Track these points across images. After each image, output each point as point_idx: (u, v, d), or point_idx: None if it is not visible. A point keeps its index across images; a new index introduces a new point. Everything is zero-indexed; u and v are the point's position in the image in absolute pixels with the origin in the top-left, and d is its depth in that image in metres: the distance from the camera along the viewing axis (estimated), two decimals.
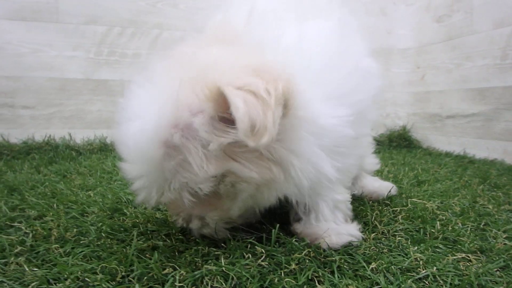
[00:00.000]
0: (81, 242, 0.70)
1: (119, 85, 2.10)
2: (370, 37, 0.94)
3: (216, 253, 0.63)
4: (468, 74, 2.03)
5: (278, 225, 0.68)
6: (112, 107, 2.10)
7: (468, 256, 0.66)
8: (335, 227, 0.74)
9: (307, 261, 0.61)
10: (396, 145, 2.41)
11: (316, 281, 0.57)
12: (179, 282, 0.53)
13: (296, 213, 0.77)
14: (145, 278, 0.55)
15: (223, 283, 0.54)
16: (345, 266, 0.61)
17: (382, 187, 1.10)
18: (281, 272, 0.57)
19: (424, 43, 2.36)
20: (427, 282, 0.57)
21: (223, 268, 0.56)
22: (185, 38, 0.74)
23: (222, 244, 0.68)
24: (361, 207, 0.95)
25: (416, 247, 0.70)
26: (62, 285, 0.53)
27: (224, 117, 0.55)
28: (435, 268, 0.61)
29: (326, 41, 0.69)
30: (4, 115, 1.94)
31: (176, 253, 0.65)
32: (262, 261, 0.61)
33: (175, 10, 2.14)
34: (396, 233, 0.79)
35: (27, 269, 0.57)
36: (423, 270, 0.60)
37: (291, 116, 0.57)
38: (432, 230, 0.79)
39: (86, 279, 0.53)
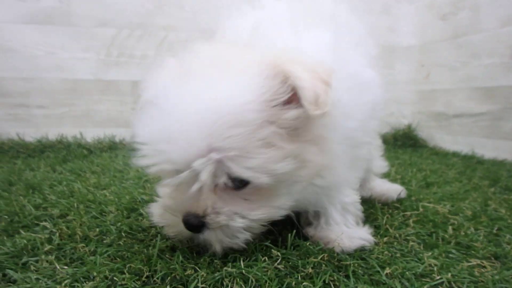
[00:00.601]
0: (104, 241, 0.73)
1: (127, 86, 2.15)
2: (375, 42, 0.96)
3: (233, 255, 0.66)
4: (475, 73, 2.03)
5: (294, 230, 0.70)
6: (120, 107, 2.16)
7: (483, 262, 0.68)
8: (346, 230, 0.76)
9: (323, 265, 0.63)
10: (401, 144, 2.40)
11: (332, 285, 0.59)
12: (201, 283, 0.56)
13: (306, 217, 0.80)
14: (169, 278, 0.58)
15: (243, 285, 0.56)
16: (359, 271, 0.63)
17: (391, 189, 1.12)
18: (298, 276, 0.59)
19: (428, 41, 2.35)
20: None
21: (243, 271, 0.58)
22: (191, 39, 0.75)
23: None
24: (371, 210, 0.96)
25: (430, 253, 0.71)
26: (92, 283, 0.56)
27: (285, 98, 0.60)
28: (450, 274, 0.62)
29: (319, 55, 0.70)
30: (19, 115, 1.99)
31: (194, 254, 0.68)
32: (278, 264, 0.63)
33: (181, 12, 2.17)
34: (408, 238, 0.81)
35: (58, 267, 0.60)
36: (438, 276, 0.62)
37: None
38: (445, 235, 0.81)
39: (114, 278, 0.56)
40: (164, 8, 2.15)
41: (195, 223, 0.63)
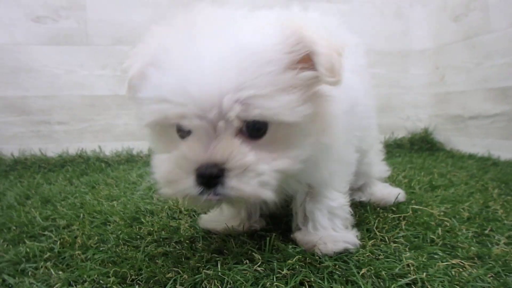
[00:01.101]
0: (101, 249, 0.78)
1: None
2: (367, 50, 0.99)
3: (217, 259, 0.69)
4: (488, 74, 1.99)
5: (274, 234, 0.73)
6: (138, 120, 2.24)
7: (463, 262, 0.68)
8: (333, 234, 0.78)
9: (300, 267, 0.65)
10: (417, 148, 2.37)
11: (307, 286, 0.61)
12: (180, 285, 0.60)
13: (297, 223, 0.82)
14: (151, 281, 0.62)
15: (220, 286, 0.60)
16: (337, 272, 0.65)
17: (391, 194, 1.12)
18: (273, 277, 0.62)
19: (442, 43, 2.33)
20: None
21: (219, 273, 0.62)
22: None
23: (225, 251, 0.73)
24: (366, 213, 0.98)
25: (410, 253, 0.72)
26: (80, 286, 0.60)
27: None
28: (425, 274, 0.63)
29: None
30: (42, 132, 2.11)
31: (183, 259, 0.72)
32: (258, 266, 0.66)
33: None
34: (396, 240, 0.81)
35: (53, 273, 0.66)
36: (414, 275, 0.63)
37: None
38: (433, 237, 0.81)
39: (101, 281, 0.61)
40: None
41: (215, 172, 0.57)
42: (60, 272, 0.66)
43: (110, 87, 2.19)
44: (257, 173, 0.59)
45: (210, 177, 0.58)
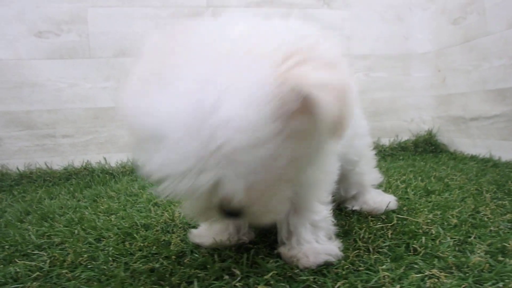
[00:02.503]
0: (89, 266, 0.80)
1: None
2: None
3: (199, 275, 0.71)
4: (487, 75, 1.98)
5: (254, 249, 0.74)
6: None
7: (439, 273, 0.69)
8: (315, 247, 0.79)
9: (277, 281, 0.67)
10: (422, 150, 2.36)
11: None
12: None
13: (281, 238, 0.83)
14: None
15: None
16: (314, 286, 0.66)
17: (383, 202, 1.12)
18: None
19: (442, 46, 2.32)
20: None
21: None
22: None
23: (208, 266, 0.75)
24: (355, 223, 0.98)
25: (389, 264, 0.73)
26: None
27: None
28: (399, 286, 0.64)
29: None
30: (47, 145, 2.15)
31: (167, 275, 0.73)
32: (238, 282, 0.67)
33: None
34: (380, 250, 0.82)
35: None
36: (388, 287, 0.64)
37: None
38: (416, 246, 0.82)
39: None
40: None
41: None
42: None
43: (114, 99, 2.22)
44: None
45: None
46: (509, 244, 0.80)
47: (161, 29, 0.64)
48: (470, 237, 0.86)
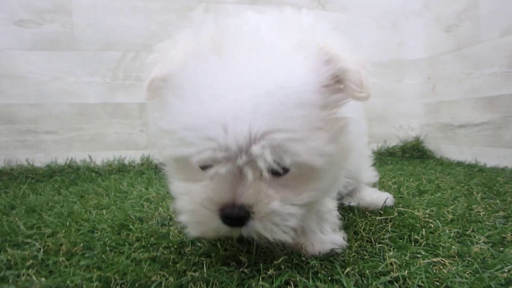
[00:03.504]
0: (86, 255, 0.77)
1: (135, 108, 2.21)
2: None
3: (204, 262, 0.69)
4: (477, 83, 2.04)
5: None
6: (129, 129, 2.21)
7: (444, 260, 0.69)
8: (320, 236, 0.78)
9: (286, 267, 0.66)
10: (409, 156, 2.41)
11: (293, 285, 0.61)
12: (165, 287, 0.59)
13: None
14: (136, 284, 0.61)
15: (205, 287, 0.60)
16: (322, 272, 0.66)
17: (380, 198, 1.13)
18: (259, 278, 0.62)
19: (434, 54, 2.38)
20: (397, 285, 0.61)
21: (206, 275, 0.62)
22: None
23: (213, 255, 0.73)
24: (354, 217, 0.98)
25: (393, 253, 0.73)
26: None
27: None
28: (406, 271, 0.64)
29: None
30: (28, 141, 2.06)
31: (170, 263, 0.71)
32: (245, 268, 0.66)
33: None
34: (382, 241, 0.82)
35: (35, 279, 0.65)
36: (396, 273, 0.64)
37: None
38: (417, 237, 0.82)
39: (84, 286, 0.60)
40: (169, 29, 2.19)
41: (241, 214, 0.57)
42: (43, 279, 0.65)
43: (100, 95, 2.15)
44: (282, 218, 0.59)
45: (237, 219, 0.58)
46: (507, 235, 0.81)
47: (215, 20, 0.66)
48: (468, 230, 0.87)
